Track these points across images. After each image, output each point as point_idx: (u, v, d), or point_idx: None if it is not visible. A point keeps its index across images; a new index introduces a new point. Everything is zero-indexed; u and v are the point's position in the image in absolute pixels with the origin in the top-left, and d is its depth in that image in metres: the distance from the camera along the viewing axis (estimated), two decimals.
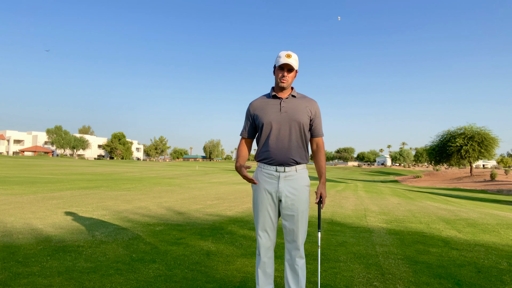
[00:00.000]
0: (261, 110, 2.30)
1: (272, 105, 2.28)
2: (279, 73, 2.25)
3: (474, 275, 3.23)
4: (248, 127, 2.39)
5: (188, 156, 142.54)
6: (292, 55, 2.22)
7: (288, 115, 2.24)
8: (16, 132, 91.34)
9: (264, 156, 2.27)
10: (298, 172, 2.26)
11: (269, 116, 2.25)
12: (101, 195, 9.06)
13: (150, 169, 35.79)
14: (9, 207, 6.46)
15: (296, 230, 2.24)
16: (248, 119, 2.38)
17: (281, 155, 2.22)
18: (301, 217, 2.24)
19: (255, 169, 2.37)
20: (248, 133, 2.40)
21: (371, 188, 18.49)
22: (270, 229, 2.27)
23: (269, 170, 2.26)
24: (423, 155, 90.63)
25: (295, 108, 2.26)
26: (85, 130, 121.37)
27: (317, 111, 2.33)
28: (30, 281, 2.75)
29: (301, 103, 2.29)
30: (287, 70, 2.23)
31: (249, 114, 2.37)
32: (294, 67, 2.23)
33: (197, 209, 7.05)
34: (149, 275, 2.96)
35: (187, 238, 4.41)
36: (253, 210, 2.33)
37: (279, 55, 2.24)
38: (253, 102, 2.37)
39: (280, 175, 2.23)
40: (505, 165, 72.83)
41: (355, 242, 4.45)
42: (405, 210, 8.23)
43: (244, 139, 2.42)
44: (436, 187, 33.02)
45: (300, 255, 2.27)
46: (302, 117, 2.25)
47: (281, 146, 2.23)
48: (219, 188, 12.98)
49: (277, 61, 2.24)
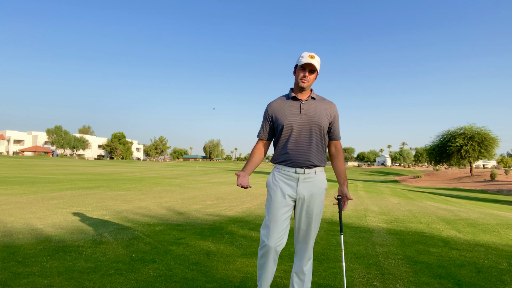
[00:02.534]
0: (281, 112, 2.25)
1: (291, 107, 2.24)
2: (300, 73, 2.20)
3: (474, 275, 3.22)
4: (266, 129, 2.34)
5: (188, 156, 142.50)
6: (315, 56, 2.18)
7: (308, 118, 2.21)
8: (16, 132, 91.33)
9: (284, 158, 2.24)
10: (317, 174, 2.25)
11: (289, 119, 2.21)
12: (101, 195, 9.06)
13: (150, 169, 35.78)
14: (9, 207, 6.46)
15: (309, 231, 2.24)
16: (266, 121, 2.33)
17: (301, 157, 2.20)
18: (316, 219, 2.23)
19: (271, 170, 2.35)
20: (266, 134, 2.35)
21: (371, 188, 18.49)
22: (283, 231, 2.19)
23: (288, 171, 2.22)
24: (423, 155, 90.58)
25: (315, 110, 2.23)
26: (85, 130, 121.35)
27: (336, 114, 2.31)
28: (30, 281, 2.74)
29: (321, 106, 2.26)
30: (309, 71, 2.19)
31: (267, 115, 2.32)
32: (316, 68, 2.19)
33: (197, 209, 7.05)
34: (149, 275, 2.96)
35: (187, 238, 4.41)
36: (267, 209, 2.25)
37: (302, 55, 2.20)
38: (272, 103, 2.32)
39: (299, 177, 2.20)
40: (505, 165, 72.76)
41: (355, 242, 4.45)
42: (405, 210, 8.23)
43: (261, 141, 2.38)
44: (436, 187, 33.02)
45: (309, 256, 2.28)
46: (322, 120, 2.22)
47: (301, 149, 2.20)
48: (219, 188, 12.97)
49: (299, 60, 2.20)
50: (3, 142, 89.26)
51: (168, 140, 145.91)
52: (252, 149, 2.39)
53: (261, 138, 2.37)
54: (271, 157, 2.37)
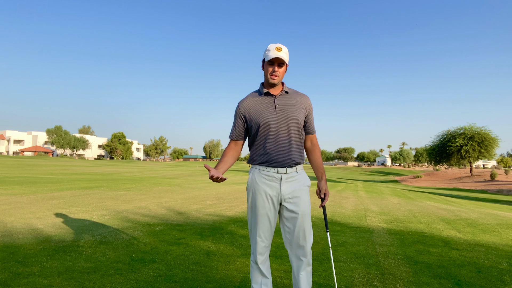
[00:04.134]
0: (254, 110, 2.12)
1: (265, 104, 2.12)
2: (269, 68, 2.07)
3: (474, 275, 3.22)
4: (239, 129, 2.19)
5: (188, 156, 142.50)
6: (282, 47, 2.05)
7: (284, 114, 2.10)
8: (16, 132, 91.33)
9: (264, 159, 2.11)
10: (298, 172, 2.15)
11: (265, 116, 2.09)
12: (101, 195, 9.06)
13: (150, 169, 35.78)
14: (9, 207, 6.46)
15: (303, 233, 2.09)
16: (238, 120, 2.18)
17: (282, 156, 2.09)
18: (306, 219, 2.11)
19: (249, 170, 2.24)
20: (239, 134, 2.20)
21: (371, 188, 18.49)
22: (269, 234, 2.12)
23: (269, 172, 2.10)
24: (423, 155, 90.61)
25: (290, 105, 2.12)
26: (85, 130, 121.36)
27: (311, 107, 2.22)
28: (30, 281, 2.74)
29: (296, 100, 2.15)
30: (277, 65, 2.06)
31: (239, 114, 2.16)
32: (285, 61, 2.05)
33: (197, 209, 7.05)
34: (149, 275, 2.96)
35: (187, 238, 4.41)
36: (250, 214, 2.15)
37: (268, 48, 2.06)
38: (244, 101, 2.16)
39: (282, 177, 2.09)
40: (505, 165, 72.78)
41: (355, 242, 4.45)
42: (405, 210, 8.22)
43: (233, 141, 2.21)
44: (436, 187, 33.01)
45: (308, 262, 2.13)
46: (299, 115, 2.12)
47: (281, 147, 2.09)
48: (219, 188, 12.97)
49: (266, 54, 2.06)
50: (3, 142, 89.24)
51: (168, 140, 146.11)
52: (224, 150, 2.22)
53: (233, 138, 2.20)
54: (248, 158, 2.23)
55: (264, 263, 2.16)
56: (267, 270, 2.18)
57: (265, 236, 2.12)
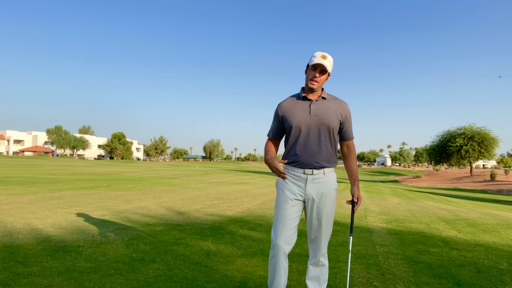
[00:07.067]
0: (290, 112, 2.22)
1: (301, 107, 2.20)
2: (311, 73, 2.16)
3: (474, 275, 3.22)
4: (276, 129, 2.32)
5: (188, 156, 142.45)
6: (327, 56, 2.13)
7: (318, 118, 2.17)
8: (16, 132, 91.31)
9: (292, 160, 2.21)
10: (326, 175, 2.21)
11: (298, 119, 2.18)
12: (101, 195, 9.06)
13: (150, 169, 35.77)
14: (9, 207, 6.46)
15: (320, 234, 2.20)
16: (276, 120, 2.30)
17: (309, 158, 2.17)
18: (326, 221, 2.19)
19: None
20: (275, 134, 2.33)
21: (371, 188, 18.49)
22: (292, 230, 2.17)
23: (296, 172, 2.20)
24: (423, 155, 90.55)
25: (325, 111, 2.18)
26: (85, 130, 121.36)
27: (348, 114, 2.26)
28: (30, 281, 2.74)
29: (331, 106, 2.21)
30: (319, 71, 2.15)
31: (277, 115, 2.29)
32: (328, 69, 2.14)
33: (197, 209, 7.05)
34: (149, 275, 2.96)
35: (187, 238, 4.41)
36: (276, 209, 2.24)
37: (314, 55, 2.15)
38: (282, 103, 2.28)
39: (308, 178, 2.18)
40: (505, 165, 72.79)
41: (355, 242, 4.45)
42: (405, 210, 8.22)
43: (271, 140, 2.36)
44: (436, 187, 33.02)
45: (323, 260, 2.24)
46: (332, 121, 2.18)
47: (310, 149, 2.17)
48: (219, 188, 12.97)
49: (311, 60, 2.15)
50: (3, 142, 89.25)
51: (168, 140, 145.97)
52: (265, 146, 2.35)
53: (271, 137, 2.35)
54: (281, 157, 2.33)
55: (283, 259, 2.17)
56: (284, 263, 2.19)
57: (288, 233, 2.17)
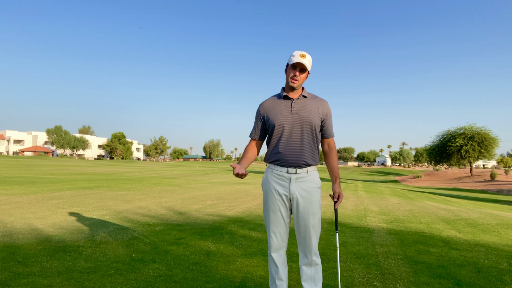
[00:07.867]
0: (272, 111, 2.25)
1: (283, 106, 2.24)
2: (290, 72, 2.19)
3: (474, 275, 3.22)
4: (258, 128, 2.34)
5: (188, 156, 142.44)
6: (306, 55, 2.17)
7: (299, 116, 2.20)
8: (16, 132, 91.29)
9: (276, 158, 2.23)
10: (309, 173, 2.23)
11: (280, 118, 2.21)
12: (101, 195, 9.06)
13: (150, 169, 35.77)
14: (9, 207, 6.46)
15: (309, 233, 2.20)
16: (258, 120, 2.33)
17: (293, 157, 2.19)
18: (313, 219, 2.20)
19: (264, 170, 2.35)
20: (258, 134, 2.35)
21: (371, 188, 18.50)
22: (283, 230, 2.23)
23: (280, 171, 2.22)
24: (423, 155, 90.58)
25: (306, 109, 2.22)
26: (85, 130, 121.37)
27: (328, 112, 2.29)
28: (30, 281, 2.75)
29: (312, 104, 2.24)
30: (299, 70, 2.18)
31: (259, 115, 2.32)
32: (307, 68, 2.18)
33: (197, 209, 7.05)
34: (149, 275, 2.96)
35: (187, 238, 4.41)
36: (264, 211, 2.29)
37: (293, 54, 2.19)
38: (264, 103, 2.32)
39: (291, 177, 2.19)
40: (505, 165, 72.82)
41: (355, 242, 4.45)
42: (405, 210, 8.22)
43: (253, 141, 2.38)
44: (436, 187, 33.02)
45: (315, 259, 2.24)
46: (313, 118, 2.21)
47: (293, 148, 2.19)
48: (219, 188, 12.97)
49: (290, 59, 2.19)
50: (3, 142, 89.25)
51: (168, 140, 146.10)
52: (245, 148, 2.38)
53: (253, 137, 2.37)
54: (264, 156, 2.36)
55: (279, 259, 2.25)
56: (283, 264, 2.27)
57: (279, 232, 2.23)
